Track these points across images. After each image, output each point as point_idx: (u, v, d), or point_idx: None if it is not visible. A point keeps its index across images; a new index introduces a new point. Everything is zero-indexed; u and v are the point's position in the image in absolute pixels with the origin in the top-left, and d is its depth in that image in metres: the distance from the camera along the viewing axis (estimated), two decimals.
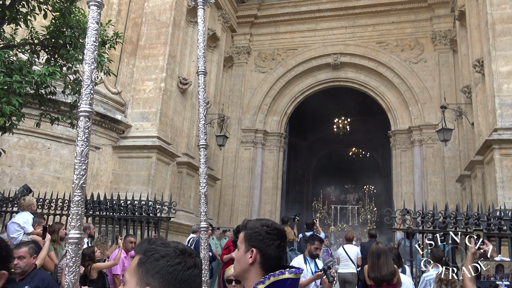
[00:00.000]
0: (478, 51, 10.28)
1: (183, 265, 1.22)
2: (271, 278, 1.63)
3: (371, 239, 9.16)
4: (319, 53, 16.49)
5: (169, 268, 1.20)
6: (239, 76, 17.03)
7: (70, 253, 1.23)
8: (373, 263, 4.23)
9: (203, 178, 2.10)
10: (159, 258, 1.21)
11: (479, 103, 10.24)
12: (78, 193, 1.27)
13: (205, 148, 2.13)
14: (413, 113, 15.13)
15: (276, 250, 1.70)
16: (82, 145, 1.30)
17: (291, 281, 1.64)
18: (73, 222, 1.25)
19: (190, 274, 1.22)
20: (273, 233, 1.72)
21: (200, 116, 2.15)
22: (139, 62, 10.85)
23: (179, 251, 1.24)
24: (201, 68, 2.20)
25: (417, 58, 15.34)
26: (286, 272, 1.65)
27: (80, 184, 1.27)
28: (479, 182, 10.06)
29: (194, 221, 11.91)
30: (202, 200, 2.06)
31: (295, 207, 19.70)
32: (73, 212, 1.25)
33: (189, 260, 1.24)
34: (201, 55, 2.22)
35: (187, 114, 12.45)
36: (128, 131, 10.31)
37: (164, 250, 1.23)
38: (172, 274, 1.20)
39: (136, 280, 1.20)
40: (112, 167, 10.03)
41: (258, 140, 16.50)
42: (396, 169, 15.36)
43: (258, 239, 1.71)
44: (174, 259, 1.22)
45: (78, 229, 1.25)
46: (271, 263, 1.69)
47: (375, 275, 4.15)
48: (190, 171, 12.40)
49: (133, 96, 10.59)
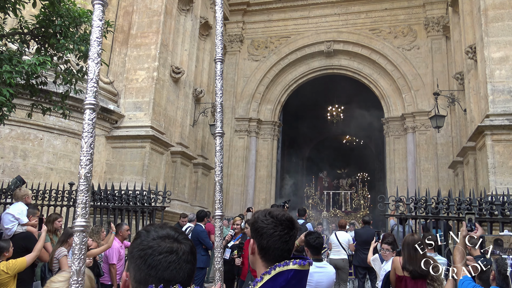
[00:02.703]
0: (471, 37, 10.29)
1: (154, 249, 1.16)
2: (277, 269, 1.60)
3: (365, 225, 9.24)
4: (312, 41, 16.44)
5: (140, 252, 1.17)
6: (232, 64, 16.95)
7: (75, 240, 1.24)
8: (410, 256, 4.04)
9: (218, 166, 2.09)
10: (138, 243, 1.19)
11: (472, 90, 10.29)
12: (83, 182, 1.29)
13: (221, 136, 2.12)
14: (406, 100, 15.18)
15: (272, 240, 1.65)
16: (86, 136, 1.34)
17: (294, 273, 1.60)
18: (79, 211, 1.28)
19: (161, 260, 1.15)
20: (268, 222, 1.68)
21: (216, 103, 2.15)
22: (131, 51, 10.75)
23: (159, 236, 1.19)
24: (219, 56, 2.17)
25: (410, 45, 15.35)
26: (290, 263, 1.62)
27: (85, 174, 1.30)
28: (471, 168, 10.15)
29: (189, 210, 11.93)
30: (217, 188, 2.06)
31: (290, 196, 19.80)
32: (79, 200, 1.28)
33: (165, 244, 1.18)
34: (219, 42, 2.20)
35: (180, 103, 12.39)
36: (121, 121, 10.26)
37: (145, 234, 1.20)
38: (142, 259, 1.16)
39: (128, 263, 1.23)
40: (105, 157, 10.00)
41: (252, 129, 16.50)
42: (389, 156, 15.46)
43: (255, 230, 1.70)
44: (148, 243, 1.18)
45: (84, 218, 1.27)
46: (270, 253, 1.65)
47: (414, 268, 3.97)
48: (184, 161, 12.39)
49: (125, 86, 10.51)
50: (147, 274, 1.14)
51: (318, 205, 21.99)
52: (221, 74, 2.17)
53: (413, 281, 4.00)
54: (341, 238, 8.88)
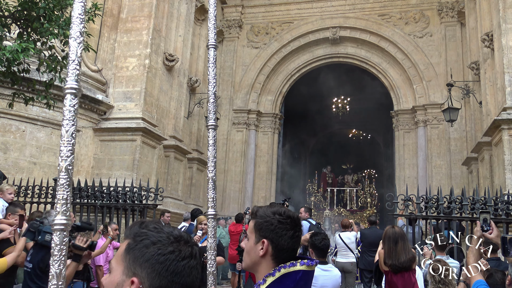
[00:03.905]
0: (488, 24, 10.25)
1: (176, 254, 1.15)
2: (282, 270, 1.59)
3: (372, 226, 9.26)
4: (317, 27, 16.37)
5: (160, 257, 1.13)
6: (230, 52, 16.90)
7: (55, 240, 1.22)
8: (390, 249, 4.13)
9: (211, 161, 2.10)
10: (149, 245, 1.14)
11: (488, 80, 10.27)
12: (64, 176, 1.27)
13: (214, 128, 2.12)
14: (418, 91, 15.16)
15: (289, 241, 1.65)
16: (68, 124, 1.30)
17: (302, 274, 1.60)
18: (58, 207, 1.25)
19: (185, 265, 1.15)
20: (286, 222, 1.67)
21: (209, 93, 2.14)
22: (120, 37, 10.71)
23: (173, 238, 1.17)
24: (212, 41, 2.16)
25: (422, 32, 15.30)
26: (297, 263, 1.62)
27: (66, 166, 1.27)
28: (487, 165, 10.16)
29: (183, 209, 11.95)
30: (210, 185, 2.06)
31: (291, 193, 19.80)
32: (59, 196, 1.25)
33: (185, 248, 1.17)
34: (212, 26, 2.18)
35: (174, 93, 12.37)
36: (110, 112, 10.24)
37: (156, 236, 1.16)
38: (163, 264, 1.13)
39: (123, 268, 1.14)
40: (93, 151, 9.99)
41: (251, 122, 16.49)
42: (399, 151, 15.47)
43: (269, 229, 1.66)
44: (166, 247, 1.15)
45: (65, 215, 1.25)
46: (284, 255, 1.64)
47: (392, 262, 4.05)
48: (178, 155, 12.39)
49: (115, 74, 10.48)
50: (171, 281, 1.13)
51: (321, 203, 21.87)
52: (214, 61, 2.16)
53: (396, 276, 4.06)
54: (346, 239, 8.88)
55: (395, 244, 4.11)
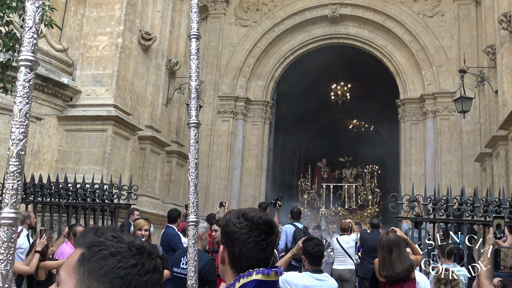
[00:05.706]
0: (506, 3, 10.30)
1: (139, 268, 1.14)
2: (241, 280, 1.64)
3: (373, 229, 9.30)
4: (314, 3, 16.33)
5: (121, 271, 1.12)
6: (216, 30, 16.80)
7: (1, 237, 1.18)
8: (384, 259, 4.16)
9: (193, 163, 2.08)
10: (108, 256, 1.13)
11: (505, 67, 10.35)
12: (15, 162, 1.22)
13: (196, 127, 2.11)
14: (427, 78, 15.24)
15: (246, 247, 1.66)
16: (21, 102, 1.24)
17: (256, 284, 1.63)
18: (7, 199, 1.21)
19: (148, 281, 1.15)
20: (241, 226, 1.69)
21: (191, 88, 2.12)
22: (89, 12, 10.59)
23: (135, 249, 1.16)
24: (194, 31, 2.13)
25: (433, 11, 15.34)
26: (253, 272, 1.65)
27: (17, 151, 1.23)
28: (502, 161, 10.27)
29: (161, 209, 11.93)
30: (191, 189, 2.05)
31: (283, 191, 19.84)
32: (8, 186, 1.21)
33: (148, 262, 1.17)
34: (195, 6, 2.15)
35: (151, 77, 12.28)
36: (78, 98, 10.15)
37: (116, 246, 1.15)
38: (124, 279, 1.12)
39: (75, 281, 1.12)
40: (57, 142, 9.91)
41: (239, 110, 16.46)
42: (404, 145, 15.56)
43: (225, 235, 1.72)
44: (128, 260, 1.14)
45: (14, 207, 1.21)
46: (240, 263, 1.68)
47: (387, 273, 4.08)
48: (155, 148, 12.34)
49: (82, 54, 10.38)
50: None
51: (315, 201, 21.77)
52: (196, 53, 2.13)
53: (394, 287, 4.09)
54: (344, 243, 8.91)
55: (389, 253, 4.14)
